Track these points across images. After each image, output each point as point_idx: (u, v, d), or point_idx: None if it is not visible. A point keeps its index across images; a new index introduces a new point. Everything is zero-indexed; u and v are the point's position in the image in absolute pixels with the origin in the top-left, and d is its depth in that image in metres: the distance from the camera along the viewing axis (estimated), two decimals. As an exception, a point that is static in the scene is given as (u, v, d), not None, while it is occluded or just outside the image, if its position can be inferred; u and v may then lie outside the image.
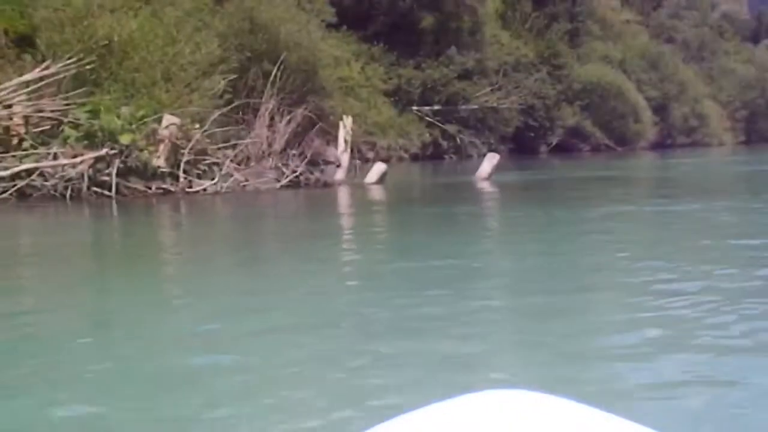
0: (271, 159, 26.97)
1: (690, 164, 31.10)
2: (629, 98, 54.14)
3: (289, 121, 29.59)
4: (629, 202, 13.44)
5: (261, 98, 28.59)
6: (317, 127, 31.47)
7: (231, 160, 16.90)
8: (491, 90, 42.29)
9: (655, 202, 13.94)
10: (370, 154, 38.40)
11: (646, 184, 21.64)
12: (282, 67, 29.22)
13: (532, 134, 47.56)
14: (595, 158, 42.94)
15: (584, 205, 12.58)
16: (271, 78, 28.10)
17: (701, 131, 67.20)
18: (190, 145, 14.54)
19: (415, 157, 39.63)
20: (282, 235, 9.76)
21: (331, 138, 34.89)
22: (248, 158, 27.64)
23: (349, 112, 34.16)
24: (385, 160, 39.83)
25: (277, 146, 27.90)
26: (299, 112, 28.77)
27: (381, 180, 17.91)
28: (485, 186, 18.19)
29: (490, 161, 18.84)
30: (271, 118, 28.46)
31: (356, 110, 34.29)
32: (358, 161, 21.40)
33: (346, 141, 18.05)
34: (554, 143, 49.66)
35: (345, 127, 18.38)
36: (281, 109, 28.92)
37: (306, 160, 25.33)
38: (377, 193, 16.66)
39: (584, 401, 0.80)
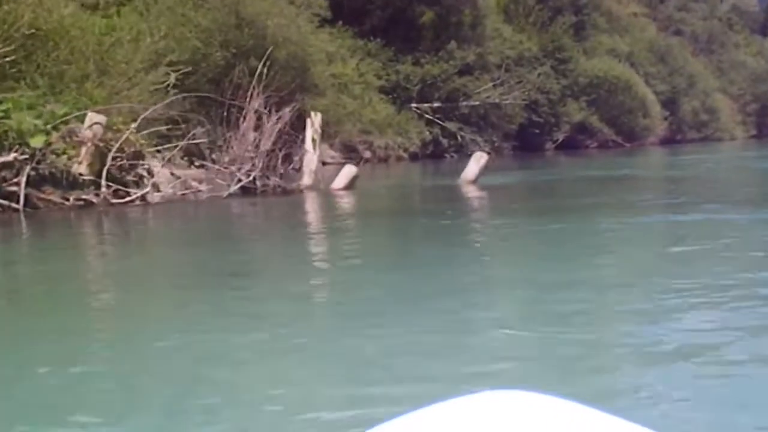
0: (258, 161, 25.47)
1: (706, 161, 29.06)
2: (637, 92, 52.37)
3: (277, 120, 28.07)
4: (641, 211, 11.09)
5: (248, 97, 27.15)
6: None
7: (163, 162, 14.81)
8: (493, 85, 40.61)
9: (671, 210, 11.40)
10: (367, 154, 36.88)
11: (660, 187, 18.83)
12: (270, 63, 27.69)
13: (537, 131, 45.88)
14: (603, 155, 41.22)
15: (584, 216, 10.34)
16: (256, 74, 26.61)
17: (712, 126, 65.32)
18: (116, 147, 12.45)
19: (414, 156, 38.06)
20: (209, 271, 7.50)
21: (325, 136, 33.40)
22: (234, 160, 26.13)
23: (343, 111, 32.72)
24: (383, 160, 38.37)
25: (264, 147, 26.46)
26: (287, 111, 27.33)
27: (351, 185, 15.74)
28: (471, 191, 15.91)
29: (478, 162, 16.55)
30: (258, 118, 27.00)
31: (350, 108, 32.78)
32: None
33: (314, 141, 16.18)
34: (560, 140, 47.97)
35: (313, 125, 16.56)
36: (268, 108, 27.44)
37: (293, 163, 23.83)
38: (342, 201, 14.59)
39: (584, 402, 0.80)
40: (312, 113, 17.34)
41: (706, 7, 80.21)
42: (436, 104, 39.11)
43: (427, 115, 38.83)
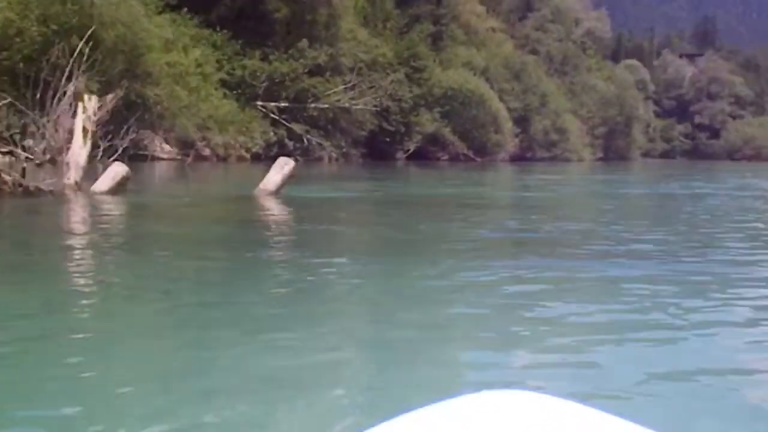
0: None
1: (559, 183, 27.90)
2: (491, 107, 52.09)
3: (99, 107, 25.59)
4: (474, 255, 7.54)
5: (67, 79, 24.47)
6: (138, 116, 27.53)
7: None
8: (344, 89, 39.05)
9: (514, 256, 8.00)
10: (207, 152, 34.63)
11: (505, 215, 14.13)
12: (95, 45, 25.11)
13: (388, 139, 44.66)
14: (454, 169, 40.31)
15: (392, 259, 7.25)
16: (75, 54, 23.99)
17: (561, 146, 66.18)
18: None
19: (257, 157, 36.00)
20: None
21: (158, 129, 30.89)
22: (44, 152, 23.50)
23: (179, 103, 30.34)
24: (223, 159, 36.12)
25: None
26: (109, 98, 24.83)
27: (118, 188, 12.65)
28: (266, 205, 12.79)
29: (280, 170, 13.33)
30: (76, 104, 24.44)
31: (185, 101, 30.45)
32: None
33: (84, 131, 13.74)
34: (411, 150, 46.98)
35: (85, 111, 14.18)
36: (89, 93, 24.80)
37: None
38: (87, 210, 11.27)
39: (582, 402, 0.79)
40: (86, 96, 14.87)
41: (562, 30, 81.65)
42: (282, 104, 37.22)
43: (272, 115, 36.89)
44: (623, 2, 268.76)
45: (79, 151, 12.80)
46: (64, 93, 23.58)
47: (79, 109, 14.06)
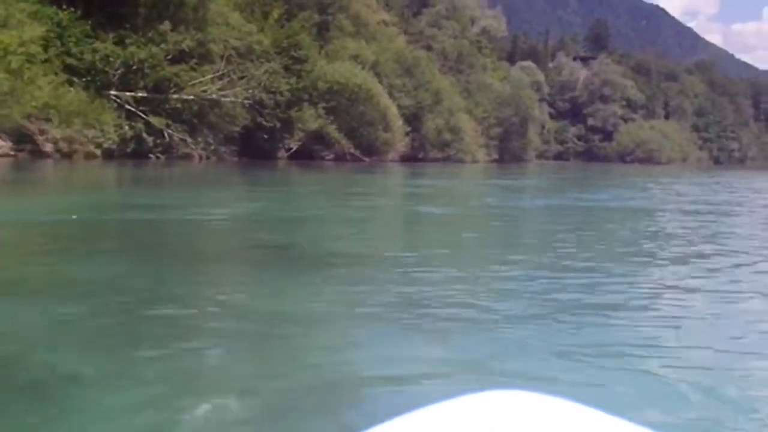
0: None
1: (452, 190, 23.95)
2: (380, 104, 48.51)
3: None
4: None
5: None
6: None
7: None
8: (212, 78, 34.81)
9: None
10: (48, 147, 29.97)
11: (393, 273, 7.25)
12: None
13: (266, 136, 40.54)
14: (335, 171, 36.53)
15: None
16: None
17: (455, 146, 63.12)
18: None
19: (109, 154, 31.50)
20: None
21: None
22: None
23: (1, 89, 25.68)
24: (67, 155, 31.48)
25: None
26: None
27: None
28: None
29: None
30: None
31: (5, 87, 25.76)
32: None
33: None
34: (294, 149, 43.04)
35: None
36: None
37: None
38: None
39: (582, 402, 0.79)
40: None
41: (457, 27, 79.02)
42: (140, 94, 32.77)
43: (128, 106, 32.40)
44: (518, 5, 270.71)
45: None
46: None
47: None
